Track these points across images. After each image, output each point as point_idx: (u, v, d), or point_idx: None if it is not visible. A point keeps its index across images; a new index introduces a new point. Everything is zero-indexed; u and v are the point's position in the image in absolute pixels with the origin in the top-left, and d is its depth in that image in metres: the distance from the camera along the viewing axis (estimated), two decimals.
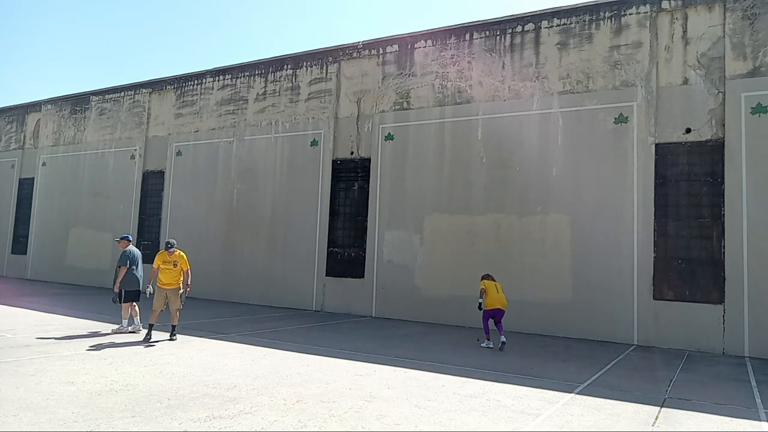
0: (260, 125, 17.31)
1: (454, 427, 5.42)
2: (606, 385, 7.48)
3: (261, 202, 16.92)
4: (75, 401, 5.69)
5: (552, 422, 5.71)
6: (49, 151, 23.01)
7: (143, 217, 19.66)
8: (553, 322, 12.18)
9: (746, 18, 11.27)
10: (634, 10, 12.26)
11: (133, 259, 10.40)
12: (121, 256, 10.43)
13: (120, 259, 10.39)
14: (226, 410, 5.60)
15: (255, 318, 13.43)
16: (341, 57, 16.13)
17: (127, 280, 10.26)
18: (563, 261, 12.31)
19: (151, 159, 19.81)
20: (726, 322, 10.75)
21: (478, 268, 13.14)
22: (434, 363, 8.53)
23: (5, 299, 14.66)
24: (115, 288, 10.23)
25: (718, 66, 11.47)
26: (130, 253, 10.43)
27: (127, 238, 10.81)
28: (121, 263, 10.29)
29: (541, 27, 13.28)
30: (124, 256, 10.37)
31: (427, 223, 14.09)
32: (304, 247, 15.89)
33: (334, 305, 15.24)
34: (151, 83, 20.25)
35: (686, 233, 11.44)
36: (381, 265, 14.65)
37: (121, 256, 10.41)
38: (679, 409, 6.45)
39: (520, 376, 7.83)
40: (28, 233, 23.04)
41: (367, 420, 5.50)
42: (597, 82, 12.50)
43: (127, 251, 10.45)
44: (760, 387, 7.82)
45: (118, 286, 10.20)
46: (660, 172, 11.74)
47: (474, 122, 13.76)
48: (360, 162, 15.49)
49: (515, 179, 13.09)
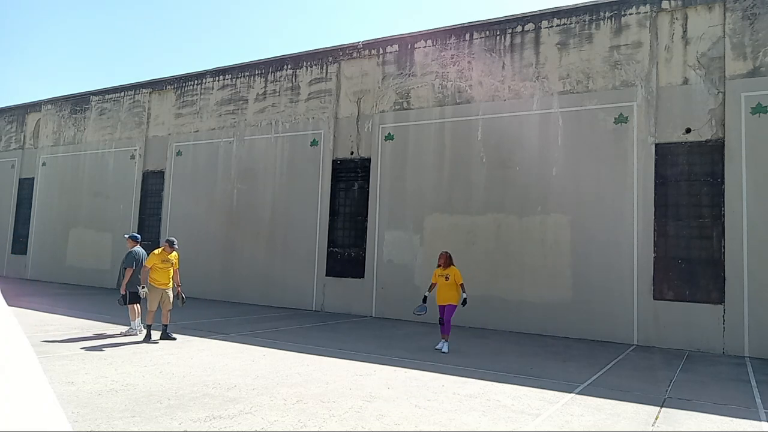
0: (260, 125, 17.31)
1: (454, 427, 5.42)
2: (606, 385, 7.48)
3: (261, 202, 16.92)
4: (75, 401, 5.69)
5: (552, 422, 5.71)
6: (49, 151, 23.00)
7: (143, 217, 19.66)
8: (553, 322, 12.17)
9: (746, 18, 11.27)
10: (634, 10, 12.26)
11: (140, 260, 10.27)
12: (127, 257, 10.28)
13: (126, 259, 10.26)
14: (226, 410, 5.60)
15: (255, 318, 13.42)
16: (341, 57, 16.12)
17: (133, 281, 10.12)
18: (563, 261, 12.31)
19: (151, 159, 19.81)
20: (726, 322, 10.74)
21: (478, 268, 13.17)
22: (434, 363, 8.53)
23: (5, 299, 14.62)
24: (122, 290, 10.08)
25: (718, 66, 11.47)
26: (137, 254, 10.29)
27: (135, 238, 10.64)
28: (128, 264, 10.15)
29: (541, 27, 13.28)
30: (130, 257, 10.22)
31: (427, 223, 14.09)
32: (304, 247, 15.88)
33: (334, 305, 15.24)
34: (151, 83, 20.25)
35: (686, 233, 11.44)
36: (381, 265, 14.65)
37: (128, 257, 10.26)
38: (679, 409, 6.45)
39: (520, 376, 7.83)
40: (28, 233, 23.04)
41: (367, 420, 5.49)
42: (597, 82, 12.50)
43: (134, 252, 10.31)
44: (760, 387, 7.82)
45: (125, 287, 10.05)
46: (660, 172, 11.74)
47: (474, 122, 13.75)
48: (360, 162, 15.49)
49: (515, 179, 13.09)
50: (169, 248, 9.84)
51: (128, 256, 10.31)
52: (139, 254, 10.35)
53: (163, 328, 9.75)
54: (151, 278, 9.67)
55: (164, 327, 9.75)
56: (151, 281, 9.66)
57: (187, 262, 15.71)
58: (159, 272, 9.68)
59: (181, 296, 10.05)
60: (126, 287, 10.07)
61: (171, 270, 9.80)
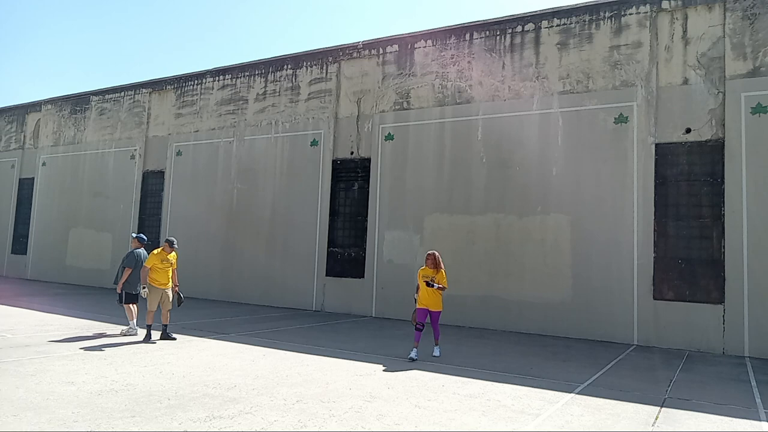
0: (260, 125, 17.31)
1: (454, 427, 5.42)
2: (606, 385, 7.48)
3: (261, 202, 16.92)
4: (75, 401, 5.69)
5: (552, 422, 5.71)
6: (49, 151, 23.00)
7: (143, 217, 19.66)
8: (553, 322, 12.17)
9: (746, 18, 11.27)
10: (634, 10, 12.26)
11: (140, 261, 10.21)
12: (128, 256, 10.23)
13: (127, 259, 10.21)
14: (226, 410, 5.60)
15: (255, 318, 13.43)
16: (341, 57, 16.13)
17: (131, 282, 10.12)
18: (563, 261, 12.31)
19: (151, 159, 19.81)
20: (726, 322, 10.74)
21: (478, 268, 13.18)
22: (434, 363, 8.53)
23: (5, 299, 14.65)
24: (118, 288, 10.08)
25: (718, 66, 11.47)
26: (138, 255, 10.24)
27: (141, 240, 10.60)
28: (128, 264, 10.11)
29: (541, 27, 13.28)
30: (131, 257, 10.17)
31: (427, 223, 14.09)
32: (304, 247, 15.88)
33: (334, 305, 15.24)
34: (151, 83, 20.25)
35: (686, 233, 11.44)
36: (381, 265, 14.65)
37: (129, 257, 10.22)
38: (679, 409, 6.45)
39: (520, 376, 7.83)
40: (28, 233, 23.04)
41: (367, 420, 5.50)
42: (597, 82, 12.50)
43: (136, 253, 10.27)
44: (760, 387, 7.82)
45: (121, 286, 10.05)
46: (660, 172, 11.74)
47: (474, 122, 13.76)
48: (360, 162, 15.49)
49: (515, 179, 13.09)
50: (168, 248, 9.82)
51: (129, 255, 10.27)
52: (140, 256, 10.29)
53: (163, 328, 9.74)
54: (150, 278, 9.65)
55: (164, 327, 9.74)
56: (150, 281, 9.64)
57: (187, 262, 15.72)
58: (158, 272, 9.66)
59: (178, 296, 10.05)
60: (123, 287, 10.06)
61: (170, 270, 9.79)
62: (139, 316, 10.46)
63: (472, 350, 9.98)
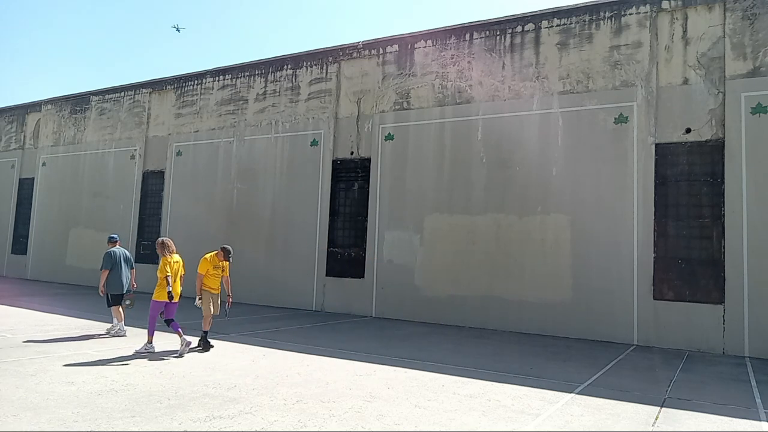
0: (260, 125, 17.31)
1: (454, 427, 5.42)
2: (606, 385, 7.48)
3: (261, 202, 16.92)
4: (75, 401, 5.69)
5: (552, 422, 5.71)
6: (49, 151, 23.00)
7: (143, 217, 19.66)
8: (553, 322, 12.17)
9: (746, 18, 11.27)
10: (634, 10, 12.26)
11: (117, 262, 10.11)
12: (104, 258, 10.11)
13: (103, 261, 10.10)
14: (226, 410, 5.60)
15: (255, 318, 13.43)
16: (341, 57, 16.13)
17: (111, 282, 9.99)
18: (563, 261, 12.31)
19: (151, 159, 19.81)
20: (726, 322, 10.74)
21: (478, 268, 13.18)
22: (434, 363, 8.53)
23: (5, 299, 14.65)
24: (101, 292, 10.01)
25: (718, 66, 11.47)
26: (115, 255, 10.12)
27: (111, 239, 10.55)
28: (104, 266, 10.02)
29: (541, 27, 13.28)
30: (108, 259, 10.06)
31: (427, 223, 14.09)
32: (304, 247, 15.88)
33: (334, 305, 15.24)
34: (151, 83, 20.25)
35: (686, 233, 11.44)
36: (381, 265, 14.65)
37: (105, 258, 10.09)
38: (679, 409, 6.45)
39: (520, 376, 7.83)
40: (28, 233, 23.03)
41: (367, 420, 5.50)
42: (597, 82, 12.50)
43: (112, 253, 10.16)
44: (760, 387, 7.82)
45: (102, 289, 9.96)
46: (660, 172, 11.74)
47: (474, 122, 13.76)
48: (360, 162, 15.49)
49: (515, 179, 13.09)
50: (223, 256, 9.54)
51: (105, 257, 10.10)
52: (116, 255, 10.14)
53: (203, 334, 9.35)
54: (204, 284, 9.39)
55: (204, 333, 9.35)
56: (204, 287, 9.38)
57: (187, 262, 15.57)
58: (211, 278, 9.42)
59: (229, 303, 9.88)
60: (106, 289, 9.95)
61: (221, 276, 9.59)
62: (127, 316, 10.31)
63: (472, 350, 9.98)
